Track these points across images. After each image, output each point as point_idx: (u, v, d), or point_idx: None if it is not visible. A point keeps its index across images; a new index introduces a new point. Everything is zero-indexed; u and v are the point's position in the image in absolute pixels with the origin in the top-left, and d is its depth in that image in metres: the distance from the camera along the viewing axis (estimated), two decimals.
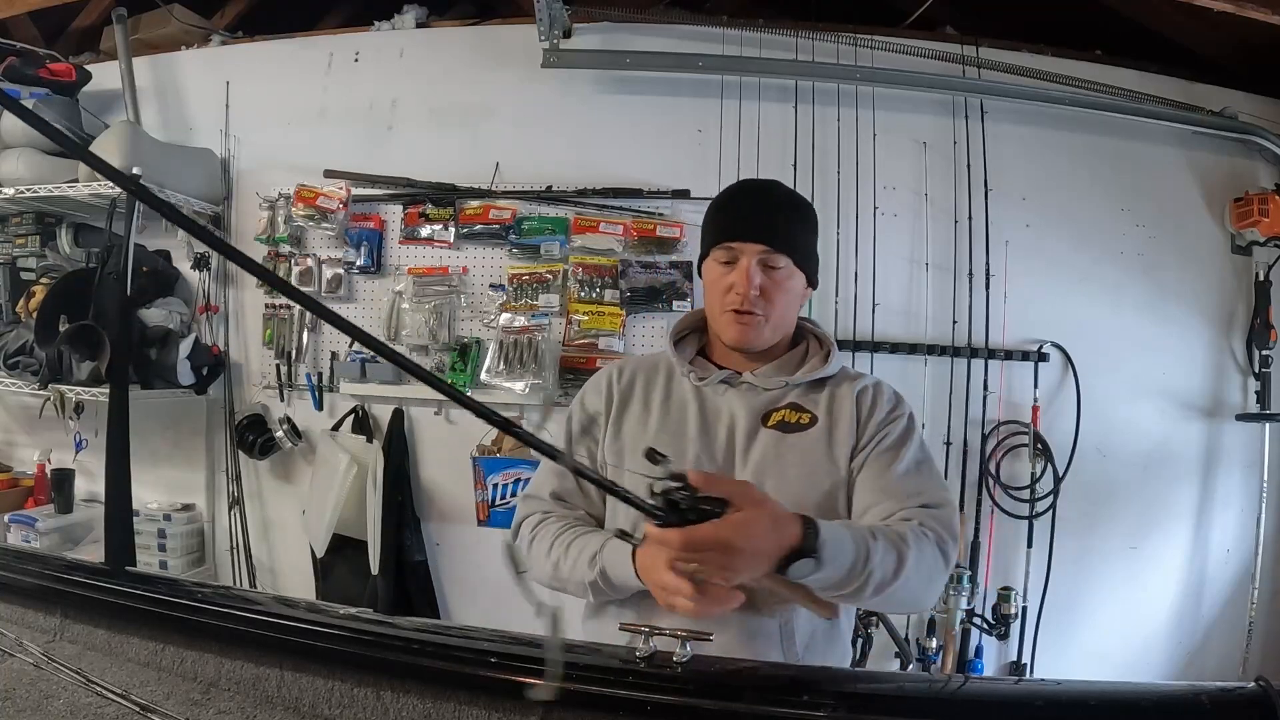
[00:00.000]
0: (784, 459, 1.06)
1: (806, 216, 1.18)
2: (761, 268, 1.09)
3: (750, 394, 1.11)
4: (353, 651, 0.74)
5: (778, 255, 1.10)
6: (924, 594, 1.00)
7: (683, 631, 0.69)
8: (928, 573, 0.96)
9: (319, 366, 2.66)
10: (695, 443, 1.09)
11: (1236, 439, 2.54)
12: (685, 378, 1.15)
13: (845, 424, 1.09)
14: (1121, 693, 0.63)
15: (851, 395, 1.11)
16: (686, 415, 1.12)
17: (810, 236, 1.18)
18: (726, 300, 1.11)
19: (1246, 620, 2.48)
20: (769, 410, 1.10)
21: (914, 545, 0.94)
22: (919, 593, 0.98)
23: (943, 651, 2.42)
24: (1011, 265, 2.48)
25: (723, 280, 1.11)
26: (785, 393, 1.12)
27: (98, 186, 2.36)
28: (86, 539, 2.65)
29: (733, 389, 1.13)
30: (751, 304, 1.09)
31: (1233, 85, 2.56)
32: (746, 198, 1.17)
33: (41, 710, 0.74)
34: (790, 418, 1.09)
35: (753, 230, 1.10)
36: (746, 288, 1.08)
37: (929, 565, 0.96)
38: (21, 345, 2.45)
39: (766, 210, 1.13)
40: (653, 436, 1.11)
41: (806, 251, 1.15)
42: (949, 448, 2.46)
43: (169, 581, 0.98)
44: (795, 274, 1.13)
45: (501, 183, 2.58)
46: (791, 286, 1.13)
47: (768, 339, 1.13)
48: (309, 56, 2.75)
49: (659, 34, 2.59)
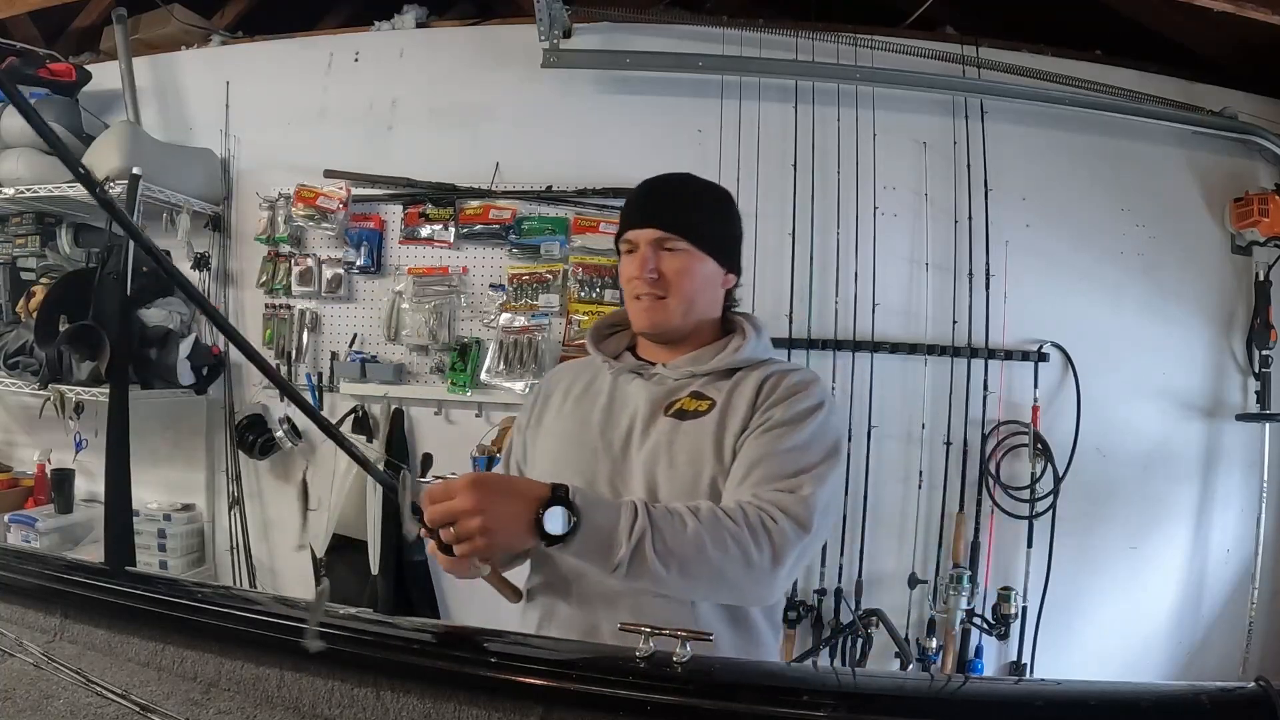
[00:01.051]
0: (674, 445, 1.05)
1: (710, 203, 1.17)
2: (656, 251, 1.09)
3: (658, 384, 1.11)
4: (353, 651, 0.74)
5: (673, 238, 1.09)
6: (726, 576, 0.91)
7: (683, 632, 0.69)
8: (733, 552, 0.89)
9: (319, 366, 2.66)
10: (595, 430, 1.11)
11: (1236, 439, 2.54)
12: (606, 372, 1.18)
13: (742, 409, 1.05)
14: (1121, 693, 0.63)
15: (757, 382, 1.07)
16: (595, 405, 1.14)
17: (716, 221, 1.16)
18: (630, 288, 1.12)
19: (1246, 620, 2.48)
20: (672, 399, 1.09)
21: (716, 520, 0.90)
22: (719, 572, 0.90)
23: (943, 651, 2.42)
24: (1011, 265, 2.48)
25: (626, 271, 1.12)
26: (691, 382, 1.11)
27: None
28: (86, 539, 2.65)
29: (642, 379, 1.13)
30: (650, 287, 1.09)
31: (1233, 85, 2.56)
32: (643, 192, 1.16)
33: (41, 710, 0.74)
34: (689, 405, 1.08)
35: (646, 217, 1.11)
36: (642, 271, 1.08)
37: (733, 543, 0.89)
38: (21, 345, 2.45)
39: (660, 198, 1.14)
40: (562, 426, 1.15)
41: (711, 235, 1.13)
42: (949, 448, 2.46)
43: (169, 581, 0.98)
44: (700, 257, 1.11)
45: (501, 183, 2.58)
46: (696, 270, 1.11)
47: (677, 323, 1.12)
48: (309, 56, 2.75)
49: (659, 34, 2.59)
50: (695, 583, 0.91)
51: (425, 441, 2.62)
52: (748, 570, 0.91)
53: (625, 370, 1.15)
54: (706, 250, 1.11)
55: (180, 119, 2.81)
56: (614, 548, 0.86)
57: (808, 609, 2.45)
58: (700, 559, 0.89)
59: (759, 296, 2.50)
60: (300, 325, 2.66)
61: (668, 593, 0.92)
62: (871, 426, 2.46)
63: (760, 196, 2.49)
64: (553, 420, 1.18)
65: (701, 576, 0.90)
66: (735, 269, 1.18)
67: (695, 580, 0.91)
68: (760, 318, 1.20)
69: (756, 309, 2.49)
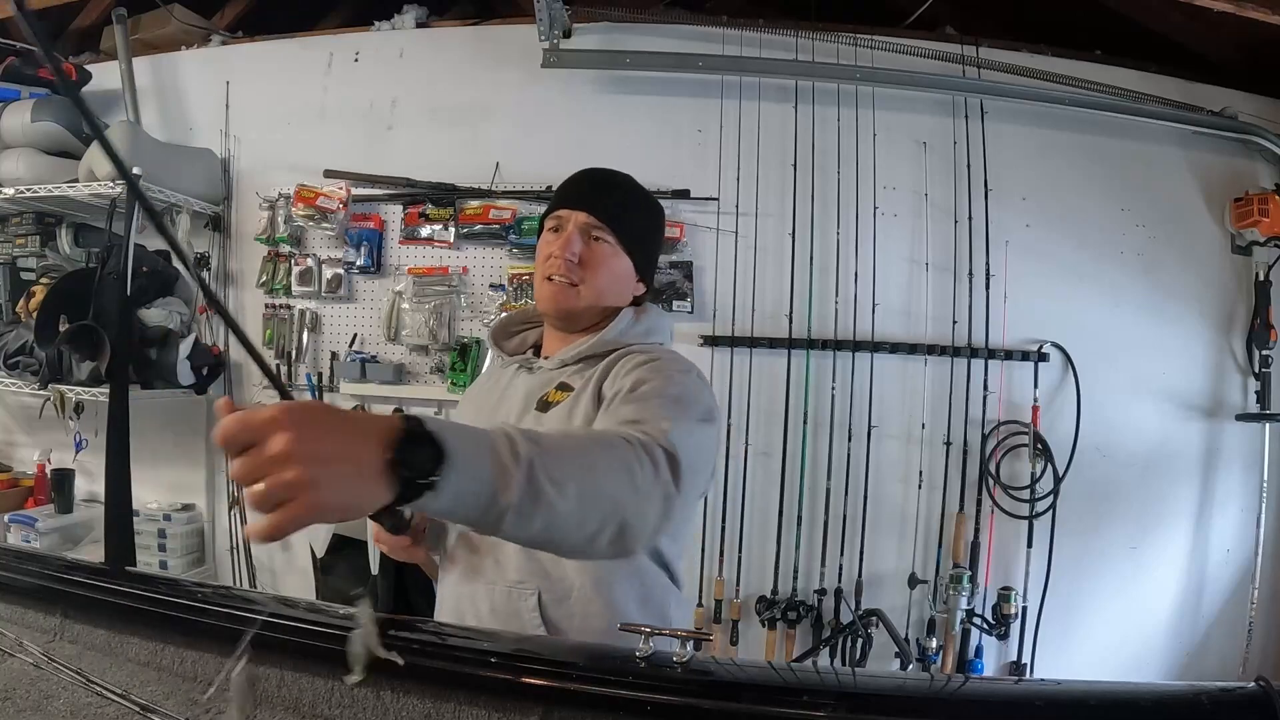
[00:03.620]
0: None
1: (644, 210, 1.17)
2: (584, 236, 1.09)
3: (538, 376, 1.11)
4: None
5: (603, 228, 1.09)
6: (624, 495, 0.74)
7: (683, 632, 0.69)
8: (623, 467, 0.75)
9: (319, 366, 2.66)
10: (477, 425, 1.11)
11: (1236, 439, 2.54)
12: (501, 368, 1.19)
13: (589, 391, 1.01)
14: (1121, 693, 0.63)
15: (610, 361, 1.03)
16: (486, 400, 1.15)
17: (646, 229, 1.16)
18: (546, 267, 1.10)
19: (1246, 620, 2.48)
20: (544, 391, 1.08)
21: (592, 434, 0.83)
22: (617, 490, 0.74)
23: (943, 651, 2.42)
24: (1011, 265, 2.48)
25: (546, 248, 1.11)
26: (563, 372, 1.09)
27: (98, 186, 2.36)
28: (86, 539, 2.65)
29: (526, 372, 1.13)
30: (567, 269, 1.07)
31: (1233, 85, 2.56)
32: (585, 177, 1.17)
33: (41, 710, 0.74)
34: (553, 397, 1.07)
35: (583, 201, 1.11)
36: (564, 251, 1.08)
37: (622, 455, 0.76)
38: (21, 345, 2.45)
39: (601, 188, 1.14)
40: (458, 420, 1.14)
41: (637, 239, 1.13)
42: (949, 448, 2.46)
43: (169, 581, 0.98)
44: (620, 255, 1.11)
45: (501, 183, 2.58)
46: (613, 264, 1.10)
47: (582, 312, 1.10)
48: (309, 56, 2.75)
49: (659, 34, 2.59)
50: (589, 515, 0.72)
51: None
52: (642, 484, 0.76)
53: (516, 365, 1.16)
54: (628, 250, 1.12)
55: (180, 119, 2.81)
56: (505, 482, 0.64)
57: (808, 609, 2.45)
58: (592, 480, 0.71)
59: (759, 297, 2.51)
60: (300, 325, 2.66)
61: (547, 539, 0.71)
62: (871, 426, 2.46)
63: (760, 196, 2.49)
64: (459, 417, 1.20)
65: (597, 506, 0.72)
66: (648, 280, 1.18)
67: (590, 512, 0.72)
68: (659, 309, 1.20)
69: (756, 309, 2.50)
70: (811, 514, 2.48)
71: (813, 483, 2.48)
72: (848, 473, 2.45)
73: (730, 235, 2.51)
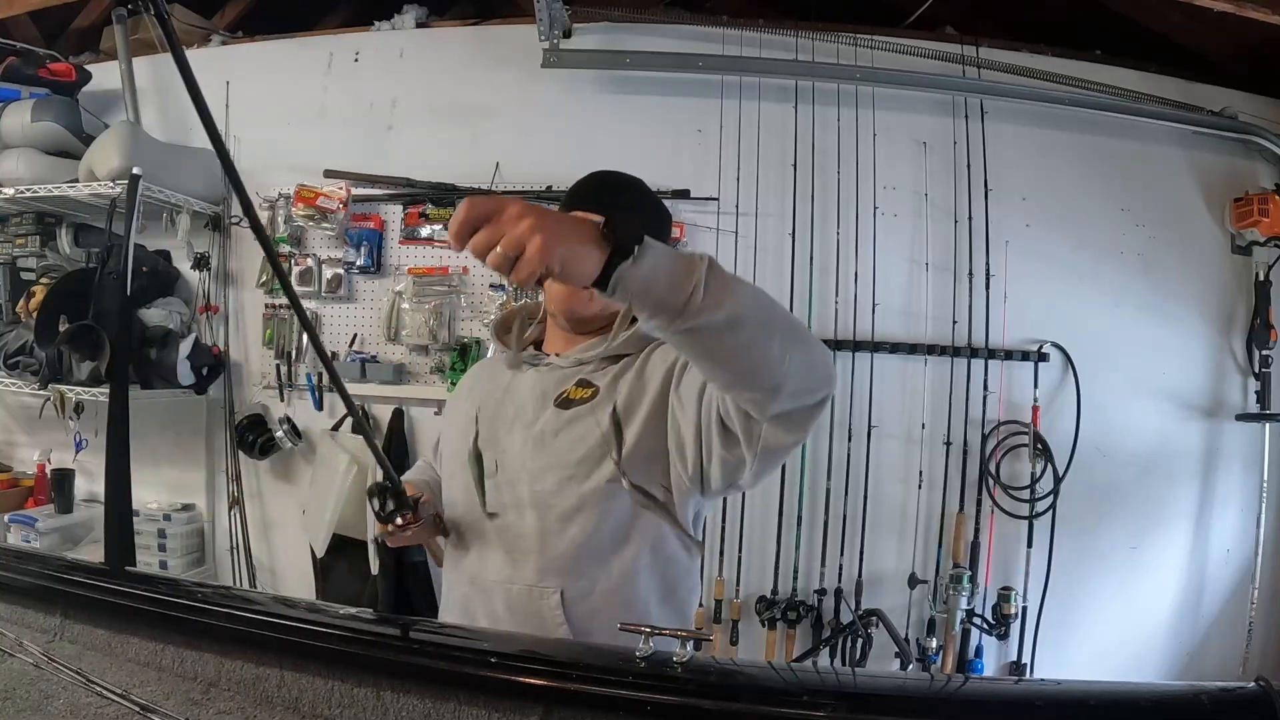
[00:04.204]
0: (559, 435, 1.05)
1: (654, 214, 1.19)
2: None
3: (549, 373, 1.12)
4: (353, 651, 0.74)
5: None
6: (797, 330, 0.82)
7: (683, 632, 0.70)
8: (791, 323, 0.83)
9: (319, 367, 2.66)
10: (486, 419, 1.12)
11: (1236, 439, 2.54)
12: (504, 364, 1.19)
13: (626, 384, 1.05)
14: (1121, 693, 0.63)
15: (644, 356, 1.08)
16: (488, 396, 1.16)
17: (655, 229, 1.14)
18: None
19: (1246, 620, 2.48)
20: (561, 389, 1.09)
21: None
22: (791, 323, 0.82)
23: (943, 651, 2.42)
24: (1011, 265, 2.48)
25: None
26: (580, 370, 1.10)
27: (97, 186, 2.36)
28: (86, 539, 2.65)
29: (534, 369, 1.14)
30: None
31: (1233, 85, 2.56)
32: (596, 180, 1.18)
33: (41, 710, 0.74)
34: (574, 394, 1.07)
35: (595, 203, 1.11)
36: None
37: (792, 320, 0.85)
38: (21, 345, 2.45)
39: (614, 191, 1.15)
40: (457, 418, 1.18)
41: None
42: (949, 448, 2.46)
43: (169, 581, 0.98)
44: None
45: (501, 183, 2.58)
46: None
47: (594, 311, 1.11)
48: (309, 56, 2.75)
49: (659, 34, 2.59)
50: (771, 325, 0.77)
51: (425, 442, 2.62)
52: (801, 342, 0.81)
53: (521, 362, 1.17)
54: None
55: (180, 119, 2.80)
56: (691, 265, 0.72)
57: (808, 609, 2.45)
58: (769, 304, 0.78)
59: None
60: (300, 325, 2.66)
61: (734, 342, 0.75)
62: (871, 426, 2.46)
63: (760, 196, 2.49)
64: (453, 412, 1.23)
65: (776, 322, 0.78)
66: None
67: (771, 323, 0.77)
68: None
69: None
70: (811, 514, 2.48)
71: (813, 483, 2.48)
72: (848, 473, 2.46)
73: (730, 235, 2.51)
